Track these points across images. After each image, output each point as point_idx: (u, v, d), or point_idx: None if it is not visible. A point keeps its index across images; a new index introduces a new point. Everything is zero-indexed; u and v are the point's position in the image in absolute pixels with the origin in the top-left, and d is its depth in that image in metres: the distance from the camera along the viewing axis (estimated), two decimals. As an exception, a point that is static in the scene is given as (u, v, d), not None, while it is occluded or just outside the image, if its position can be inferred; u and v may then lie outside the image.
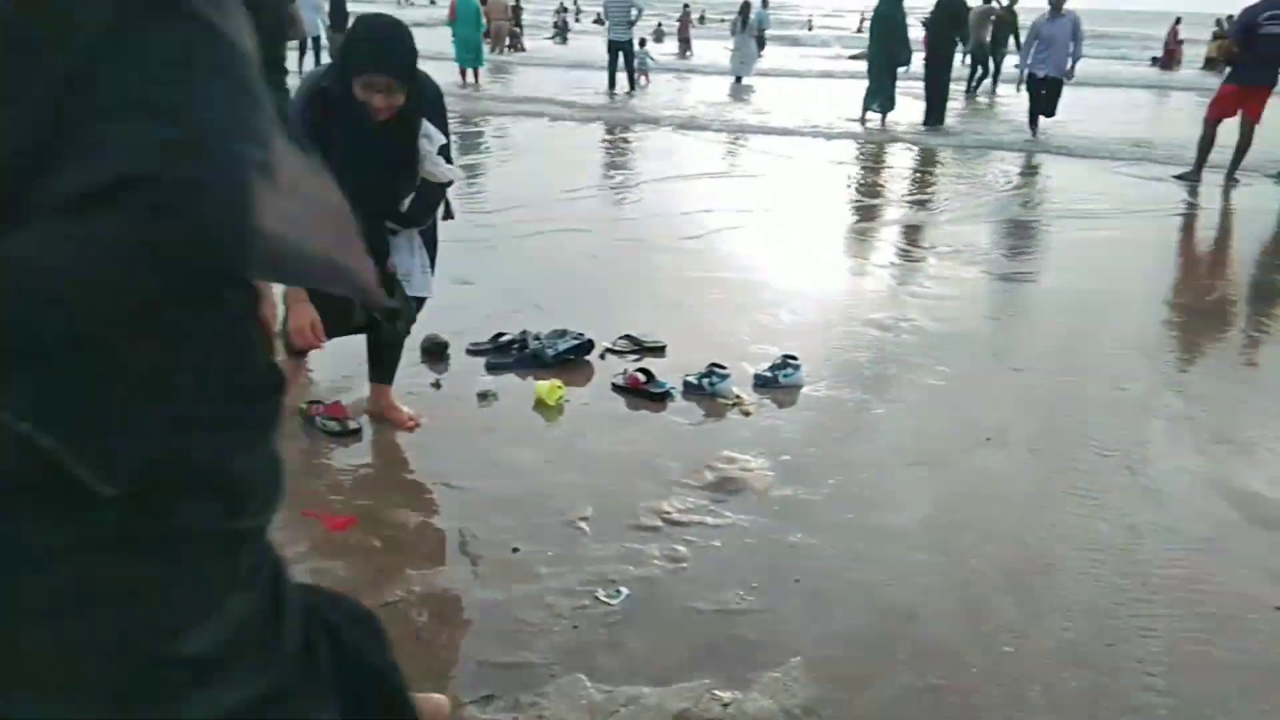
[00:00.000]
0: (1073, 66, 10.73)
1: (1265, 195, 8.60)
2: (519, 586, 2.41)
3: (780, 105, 14.10)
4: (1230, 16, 11.65)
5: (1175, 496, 2.97)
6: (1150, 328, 4.79)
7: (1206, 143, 8.86)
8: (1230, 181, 8.85)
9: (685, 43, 26.10)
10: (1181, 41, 26.75)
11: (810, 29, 39.54)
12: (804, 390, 3.75)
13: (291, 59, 15.09)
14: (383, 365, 3.32)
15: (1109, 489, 3.01)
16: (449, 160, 2.93)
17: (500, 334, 4.12)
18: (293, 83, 4.23)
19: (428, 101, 2.82)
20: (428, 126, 2.83)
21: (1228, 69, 9.13)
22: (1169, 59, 26.60)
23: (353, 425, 3.28)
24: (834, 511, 2.84)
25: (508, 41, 22.65)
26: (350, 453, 3.16)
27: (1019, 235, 6.85)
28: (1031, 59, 10.87)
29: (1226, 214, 8.02)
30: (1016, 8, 16.38)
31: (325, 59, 16.63)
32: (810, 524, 2.75)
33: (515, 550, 2.57)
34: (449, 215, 3.16)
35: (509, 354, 3.99)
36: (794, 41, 32.32)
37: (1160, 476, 3.10)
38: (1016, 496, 2.96)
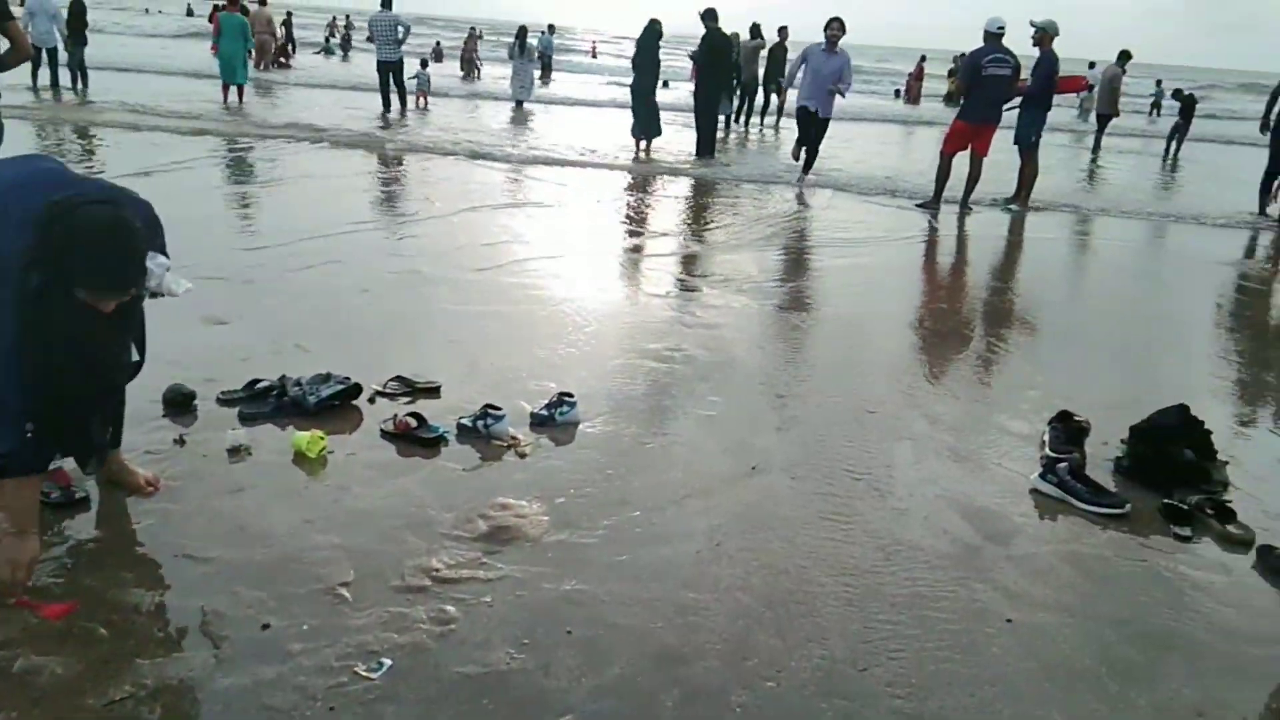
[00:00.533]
0: (836, 92, 10.55)
1: (994, 221, 9.60)
2: (268, 668, 2.22)
3: (563, 134, 14.25)
4: (963, 54, 12.94)
5: (918, 516, 3.19)
6: (898, 350, 5.17)
7: (943, 174, 9.79)
8: (965, 209, 9.82)
9: (471, 64, 25.87)
10: (921, 79, 29.55)
11: (594, 56, 40.32)
12: (581, 427, 3.75)
13: (22, 73, 13.65)
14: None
15: (860, 512, 3.20)
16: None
17: (256, 380, 3.84)
18: (23, 98, 3.78)
19: (145, 226, 2.55)
20: (153, 258, 2.58)
21: (961, 104, 10.12)
22: (909, 93, 29.33)
23: (78, 494, 2.93)
24: (608, 554, 2.83)
25: (274, 57, 21.53)
26: (74, 525, 2.81)
27: (784, 263, 7.25)
28: (803, 91, 10.62)
29: (962, 240, 8.86)
30: (788, 43, 17.42)
31: (64, 75, 15.13)
32: (584, 569, 2.73)
33: (265, 627, 2.37)
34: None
35: (265, 402, 3.71)
36: (578, 69, 32.84)
37: (905, 497, 3.32)
38: (777, 525, 3.07)
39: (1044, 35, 9.79)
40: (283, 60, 22.49)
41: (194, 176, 8.91)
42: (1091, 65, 24.77)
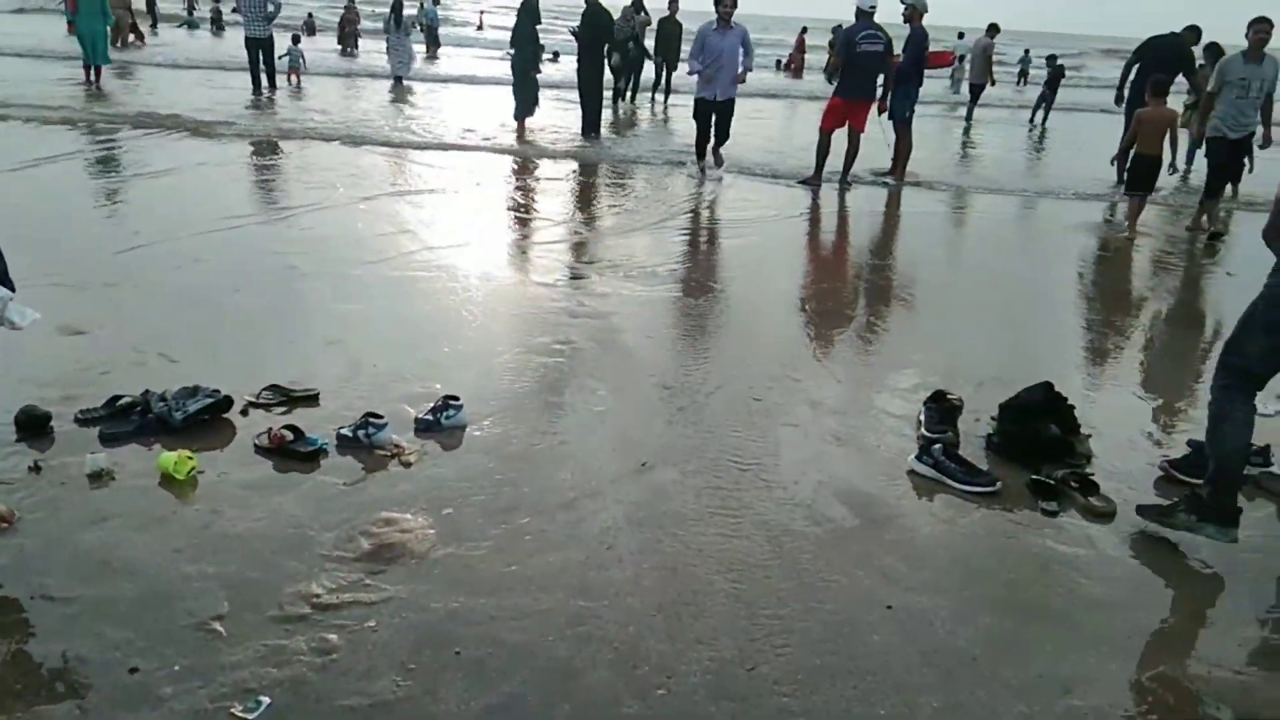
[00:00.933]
0: (743, 74, 9.94)
1: (873, 196, 9.85)
2: (137, 716, 2.11)
3: (445, 114, 13.92)
4: (840, 25, 13.00)
5: (802, 504, 3.26)
6: (783, 334, 5.26)
7: (823, 151, 9.98)
8: (844, 185, 10.05)
9: (353, 39, 24.89)
10: (803, 51, 29.99)
11: (480, 28, 39.33)
12: (468, 430, 3.69)
13: None
14: None
15: (748, 504, 3.24)
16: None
17: (117, 396, 3.63)
18: None
19: None
20: None
21: (836, 81, 10.29)
22: (791, 65, 29.78)
23: (-81, 535, 2.73)
24: (497, 566, 2.79)
25: (130, 36, 20.25)
26: (-85, 571, 2.61)
27: (671, 247, 7.23)
28: (701, 79, 9.79)
29: (843, 216, 9.07)
30: (679, 16, 17.36)
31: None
32: (472, 585, 2.68)
33: (133, 670, 2.25)
34: None
35: (128, 420, 3.52)
36: (464, 42, 31.94)
37: (790, 485, 3.39)
38: (667, 522, 3.09)
39: (914, 11, 10.06)
40: (135, 38, 21.06)
41: (51, 171, 8.34)
42: (961, 35, 25.66)
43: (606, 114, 13.45)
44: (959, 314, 5.94)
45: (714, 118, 10.07)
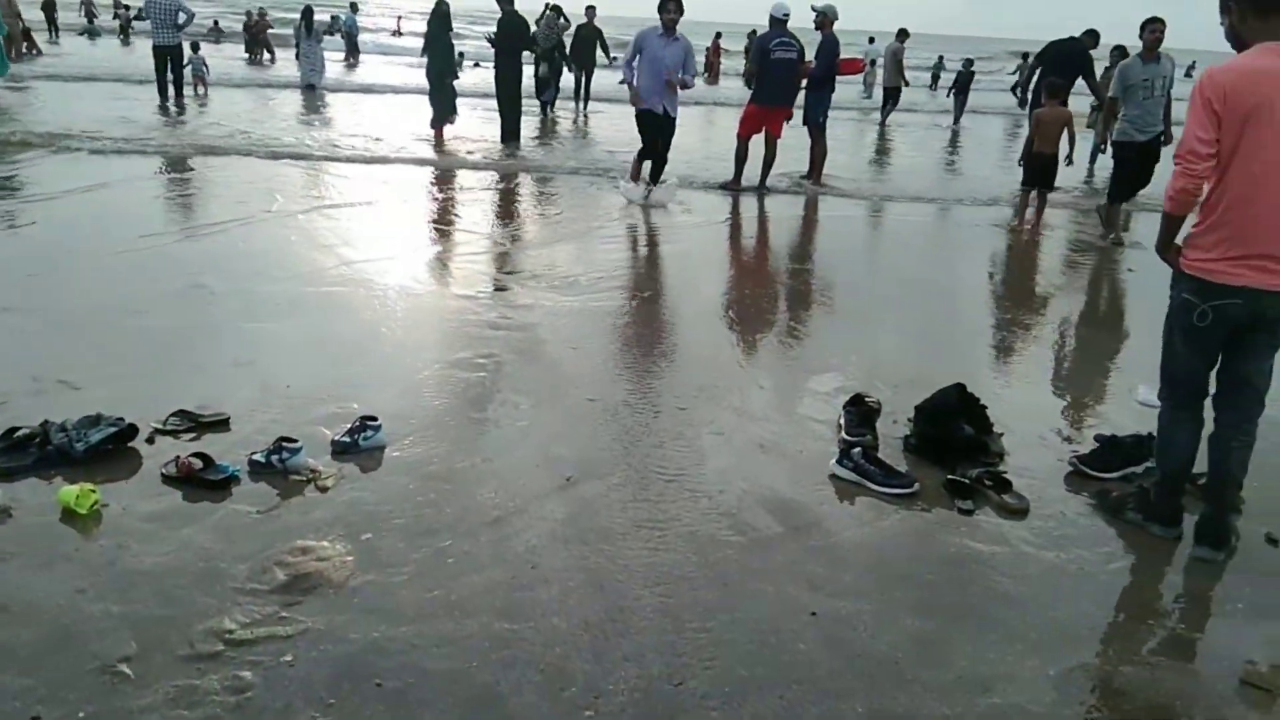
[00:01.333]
0: (684, 81, 9.03)
1: (790, 202, 10.00)
2: (36, 772, 2.01)
3: (361, 125, 13.62)
4: (755, 31, 13.08)
5: (728, 513, 3.27)
6: (706, 340, 5.28)
7: (741, 157, 10.10)
8: (763, 190, 10.18)
9: (265, 47, 24.29)
10: (719, 55, 30.32)
11: (399, 34, 38.74)
12: (387, 451, 3.61)
13: None
14: None
15: (675, 515, 3.25)
16: None
17: (14, 428, 3.45)
18: None
19: None
20: None
21: (752, 89, 10.42)
22: (709, 70, 30.05)
23: None
24: (418, 591, 2.74)
25: (25, 45, 19.37)
26: None
27: (594, 256, 7.19)
28: (643, 88, 8.96)
29: (763, 222, 9.18)
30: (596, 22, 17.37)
31: None
32: (393, 612, 2.62)
33: (32, 721, 2.15)
34: None
35: (26, 453, 3.35)
36: (383, 49, 31.38)
37: (715, 494, 3.40)
38: (593, 538, 3.07)
39: (825, 19, 10.23)
40: (29, 48, 20.14)
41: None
42: (871, 40, 26.27)
43: (529, 122, 13.36)
44: (877, 317, 6.06)
45: (659, 137, 9.15)
